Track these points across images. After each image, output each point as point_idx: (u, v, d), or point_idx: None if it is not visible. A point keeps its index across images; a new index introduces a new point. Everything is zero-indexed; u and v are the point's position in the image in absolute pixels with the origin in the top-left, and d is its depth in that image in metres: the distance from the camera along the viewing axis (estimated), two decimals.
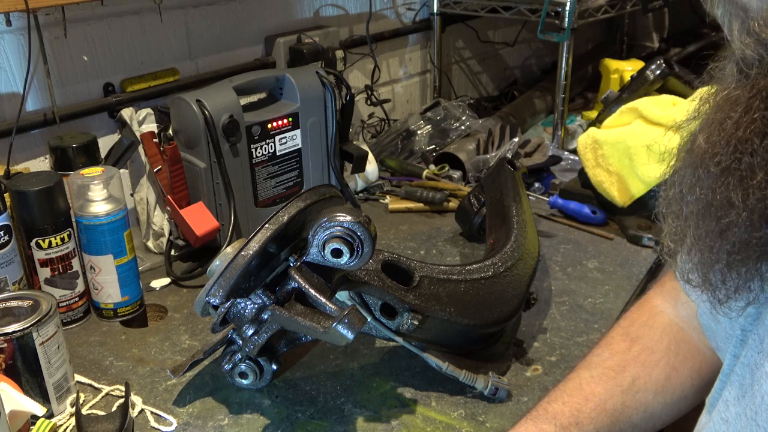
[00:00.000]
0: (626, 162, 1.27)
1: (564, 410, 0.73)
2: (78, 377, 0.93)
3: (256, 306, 0.82)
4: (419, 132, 1.68)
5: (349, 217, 0.79)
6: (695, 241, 0.53)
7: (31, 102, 1.18)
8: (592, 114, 1.85)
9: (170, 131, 1.19)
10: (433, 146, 1.65)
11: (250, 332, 0.84)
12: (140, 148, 1.19)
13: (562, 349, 0.99)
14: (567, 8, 1.52)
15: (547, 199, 1.40)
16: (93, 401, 0.90)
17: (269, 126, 1.21)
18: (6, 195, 0.99)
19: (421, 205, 1.42)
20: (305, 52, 1.47)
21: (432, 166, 1.52)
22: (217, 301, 0.79)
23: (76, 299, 1.05)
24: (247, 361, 0.89)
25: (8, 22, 1.10)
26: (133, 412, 0.87)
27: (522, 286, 0.97)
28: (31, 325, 0.82)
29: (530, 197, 1.44)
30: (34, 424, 0.81)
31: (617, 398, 0.74)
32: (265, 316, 0.83)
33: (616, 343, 0.79)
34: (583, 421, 0.73)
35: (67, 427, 0.86)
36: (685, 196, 0.54)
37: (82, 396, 0.90)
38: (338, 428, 0.85)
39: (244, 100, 1.22)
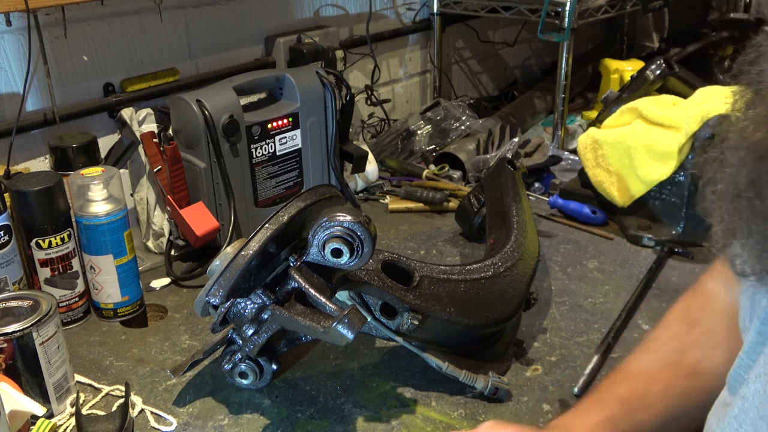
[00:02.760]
0: (626, 162, 1.27)
1: (631, 393, 0.72)
2: (78, 377, 0.93)
3: (256, 306, 0.82)
4: (419, 132, 1.68)
5: (349, 217, 0.79)
6: None
7: (31, 102, 1.18)
8: (592, 114, 1.85)
9: (170, 131, 1.19)
10: (433, 146, 1.65)
11: (250, 332, 0.84)
12: (140, 148, 1.19)
13: (562, 349, 0.99)
14: (567, 8, 1.52)
15: (547, 199, 1.40)
16: (93, 401, 0.90)
17: (269, 126, 1.21)
18: (6, 195, 0.99)
19: (421, 205, 1.42)
20: (305, 52, 1.47)
21: (432, 166, 1.52)
22: (217, 301, 0.79)
23: (76, 299, 1.05)
24: (247, 361, 0.89)
25: (8, 22, 1.10)
26: (133, 412, 0.87)
27: (522, 286, 0.97)
28: (31, 325, 0.82)
29: (530, 197, 1.44)
30: (34, 424, 0.81)
31: (683, 382, 0.74)
32: (265, 316, 0.83)
33: (674, 328, 0.79)
34: (650, 402, 0.72)
35: (67, 427, 0.86)
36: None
37: (82, 396, 0.90)
38: (338, 428, 0.85)
39: (244, 100, 1.22)
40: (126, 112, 1.23)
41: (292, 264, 0.83)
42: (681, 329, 0.79)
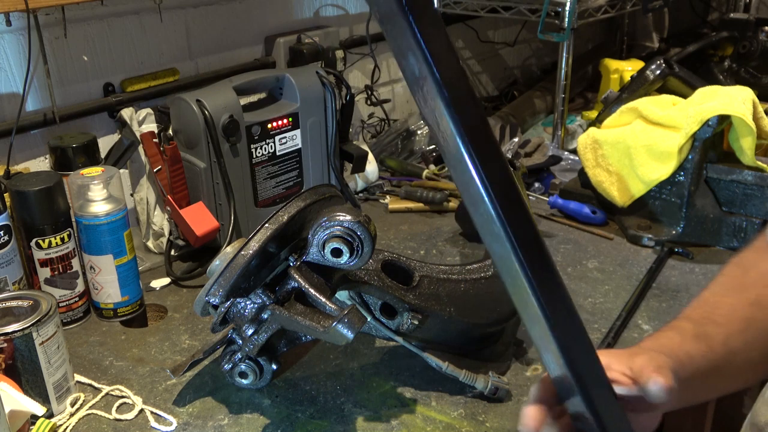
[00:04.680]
0: (626, 162, 1.27)
1: (696, 312, 0.73)
2: (78, 377, 0.93)
3: (256, 305, 0.82)
4: (419, 132, 1.68)
5: (348, 217, 0.79)
6: None
7: (31, 102, 1.18)
8: (592, 114, 1.85)
9: (170, 131, 1.19)
10: (433, 146, 1.65)
11: (250, 332, 0.84)
12: (140, 148, 1.19)
13: None
14: (567, 8, 1.52)
15: (547, 199, 1.40)
16: (93, 401, 0.90)
17: (269, 126, 1.21)
18: (6, 195, 0.99)
19: (421, 205, 1.42)
20: (305, 52, 1.47)
21: (432, 166, 1.52)
22: (217, 300, 0.79)
23: (76, 299, 1.05)
24: (247, 360, 0.89)
25: (8, 22, 1.10)
26: (133, 412, 0.88)
27: None
28: (31, 325, 0.82)
29: (530, 197, 1.44)
30: (34, 424, 0.81)
31: (746, 309, 0.74)
32: (265, 316, 0.83)
33: (730, 272, 0.80)
34: (717, 320, 0.72)
35: (67, 426, 0.86)
36: None
37: (81, 396, 0.90)
38: (338, 428, 0.85)
39: (244, 100, 1.22)
40: (126, 112, 1.23)
41: (292, 264, 0.83)
42: (737, 272, 0.79)
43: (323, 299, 0.79)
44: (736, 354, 0.72)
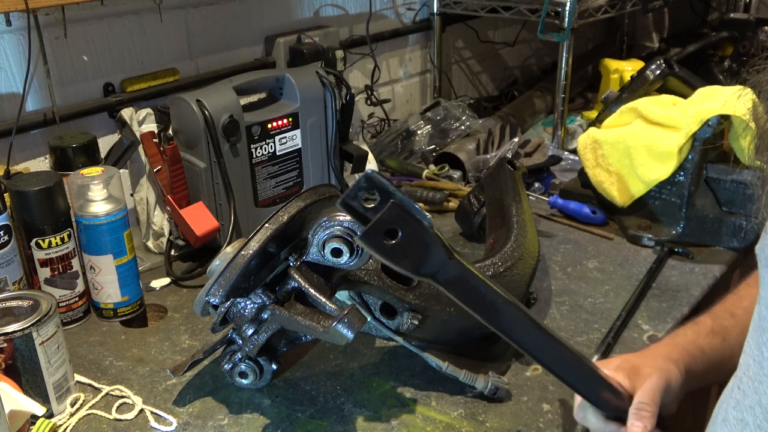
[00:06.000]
0: (626, 162, 1.27)
1: (720, 307, 0.82)
2: (78, 377, 0.93)
3: (256, 305, 0.82)
4: (419, 132, 1.68)
5: (348, 217, 0.79)
6: None
7: (31, 102, 1.18)
8: (592, 114, 1.85)
9: (170, 131, 1.19)
10: (433, 146, 1.65)
11: (250, 332, 0.84)
12: (140, 148, 1.19)
13: None
14: (567, 8, 1.52)
15: (547, 199, 1.40)
16: (93, 401, 0.90)
17: (269, 126, 1.21)
18: (6, 195, 0.99)
19: (421, 205, 1.42)
20: (305, 52, 1.47)
21: (432, 166, 1.52)
22: (216, 300, 0.79)
23: (76, 299, 1.05)
24: (247, 360, 0.89)
25: (8, 22, 1.10)
26: (133, 412, 0.88)
27: (522, 286, 0.97)
28: (31, 325, 0.82)
29: (530, 197, 1.44)
30: (33, 423, 0.81)
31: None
32: (265, 316, 0.83)
33: (739, 285, 0.86)
34: (736, 312, 0.80)
35: (67, 426, 0.86)
36: None
37: (81, 396, 0.90)
38: (338, 428, 0.85)
39: (244, 100, 1.22)
40: (126, 112, 1.23)
41: (292, 264, 0.83)
42: (743, 285, 0.86)
43: (323, 299, 0.79)
44: None
